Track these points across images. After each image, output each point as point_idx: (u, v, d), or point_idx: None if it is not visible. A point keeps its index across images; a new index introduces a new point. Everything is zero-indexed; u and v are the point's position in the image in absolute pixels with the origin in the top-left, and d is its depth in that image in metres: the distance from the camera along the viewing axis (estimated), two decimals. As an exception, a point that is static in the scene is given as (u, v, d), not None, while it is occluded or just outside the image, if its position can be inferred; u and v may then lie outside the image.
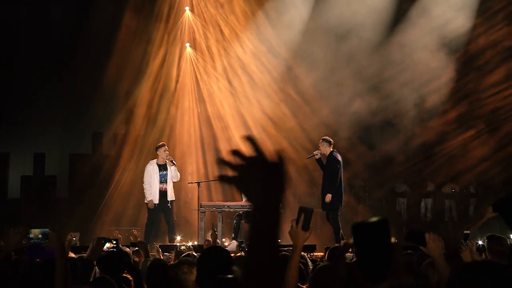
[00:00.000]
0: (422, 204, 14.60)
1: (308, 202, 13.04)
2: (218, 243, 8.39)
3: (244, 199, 11.19)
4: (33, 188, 15.57)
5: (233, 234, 11.40)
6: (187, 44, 15.13)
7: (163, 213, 11.65)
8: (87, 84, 15.40)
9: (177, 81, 15.34)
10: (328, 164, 10.59)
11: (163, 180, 11.51)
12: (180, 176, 11.89)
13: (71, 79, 15.20)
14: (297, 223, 3.69)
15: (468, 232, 5.55)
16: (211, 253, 4.19)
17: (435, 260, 4.01)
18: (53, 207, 14.81)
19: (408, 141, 14.50)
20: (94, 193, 14.57)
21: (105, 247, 5.47)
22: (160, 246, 8.39)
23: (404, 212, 14.31)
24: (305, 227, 3.67)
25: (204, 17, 15.02)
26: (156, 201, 11.40)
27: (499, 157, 13.55)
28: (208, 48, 15.16)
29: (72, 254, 6.47)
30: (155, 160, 11.58)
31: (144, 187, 11.50)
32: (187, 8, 14.91)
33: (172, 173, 11.52)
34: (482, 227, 5.95)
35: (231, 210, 11.87)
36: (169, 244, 11.15)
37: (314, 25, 14.38)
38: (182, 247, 9.08)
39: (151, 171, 11.53)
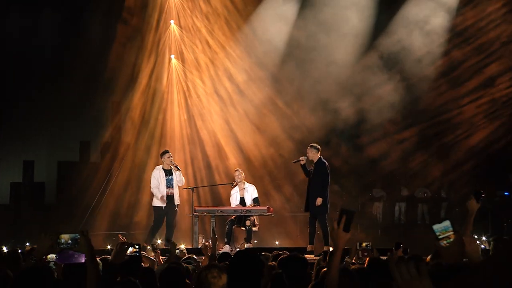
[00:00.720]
0: (396, 208, 15.03)
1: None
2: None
3: (234, 204, 11.84)
4: (23, 194, 15.78)
5: (225, 238, 11.59)
6: (172, 56, 15.42)
7: (166, 217, 11.83)
8: (75, 95, 15.64)
9: (165, 91, 15.56)
10: (318, 170, 10.86)
11: (169, 185, 11.73)
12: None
13: (59, 90, 15.56)
14: (338, 224, 3.75)
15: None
16: (243, 257, 4.24)
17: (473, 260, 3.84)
18: (41, 212, 14.94)
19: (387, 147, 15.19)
20: (82, 200, 14.82)
21: (128, 252, 5.47)
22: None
23: (380, 215, 14.78)
24: (346, 229, 3.73)
25: (189, 29, 15.33)
26: (164, 204, 11.65)
27: (466, 168, 14.17)
28: (195, 59, 15.44)
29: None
30: (161, 166, 11.81)
31: (152, 191, 11.74)
32: (172, 21, 15.24)
33: (177, 177, 11.74)
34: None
35: (224, 214, 12.06)
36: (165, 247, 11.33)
37: (297, 36, 14.85)
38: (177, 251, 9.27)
39: (158, 176, 11.76)
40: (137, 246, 6.23)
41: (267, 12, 15.13)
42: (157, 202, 11.65)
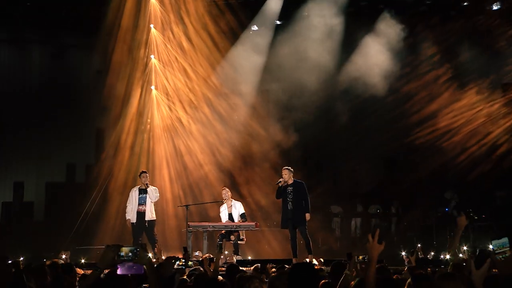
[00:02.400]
0: (353, 222, 16.07)
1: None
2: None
3: (224, 220, 12.18)
4: (13, 213, 16.33)
5: (217, 250, 11.68)
6: (152, 87, 15.90)
7: (145, 232, 12.22)
8: (61, 122, 16.38)
9: (147, 120, 16.06)
10: (298, 189, 11.27)
11: (141, 202, 12.20)
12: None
13: (47, 118, 16.36)
14: (373, 237, 3.95)
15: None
16: (301, 269, 4.36)
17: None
18: (31, 230, 15.34)
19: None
20: (68, 218, 15.29)
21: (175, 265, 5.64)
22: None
23: (338, 229, 15.79)
24: (380, 241, 3.93)
25: (170, 63, 15.76)
26: (134, 220, 12.11)
27: (413, 188, 15.28)
28: (175, 90, 15.87)
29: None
30: (138, 186, 12.38)
31: (126, 209, 12.39)
32: (152, 56, 15.74)
33: (150, 194, 12.17)
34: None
35: (216, 229, 12.36)
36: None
37: (271, 67, 15.72)
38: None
39: (132, 195, 12.33)
40: (183, 260, 6.55)
41: (242, 46, 15.91)
42: (130, 218, 12.24)
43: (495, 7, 14.62)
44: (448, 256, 10.76)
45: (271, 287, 4.79)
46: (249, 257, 12.19)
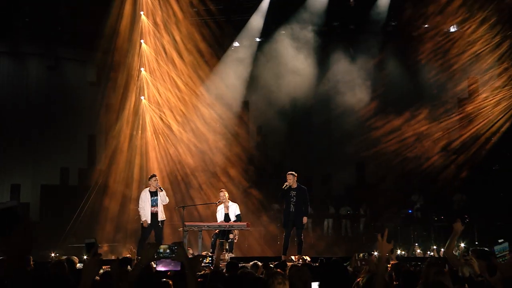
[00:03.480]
0: (325, 223, 16.73)
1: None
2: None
3: (219, 220, 12.31)
4: None
5: (211, 249, 11.96)
6: (142, 97, 16.28)
7: (154, 231, 12.26)
8: (56, 129, 16.95)
9: (139, 125, 16.34)
10: (300, 194, 11.55)
11: (154, 204, 12.24)
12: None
13: (43, 125, 17.01)
14: (382, 237, 4.02)
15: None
16: (331, 267, 4.59)
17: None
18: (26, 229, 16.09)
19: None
20: (61, 218, 15.76)
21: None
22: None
23: (311, 229, 16.21)
24: (388, 240, 4.02)
25: (161, 76, 16.21)
26: (149, 221, 12.11)
27: (380, 191, 16.01)
28: (166, 101, 16.25)
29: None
30: (148, 188, 12.41)
31: (139, 210, 12.33)
32: (142, 69, 16.13)
33: (162, 197, 12.26)
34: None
35: (210, 229, 12.51)
36: None
37: (252, 79, 16.59)
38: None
39: (144, 198, 12.31)
40: (210, 258, 6.76)
41: (229, 59, 16.70)
42: (146, 219, 12.22)
43: (452, 29, 15.50)
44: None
45: (264, 284, 4.72)
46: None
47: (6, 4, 15.95)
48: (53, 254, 11.95)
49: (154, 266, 5.84)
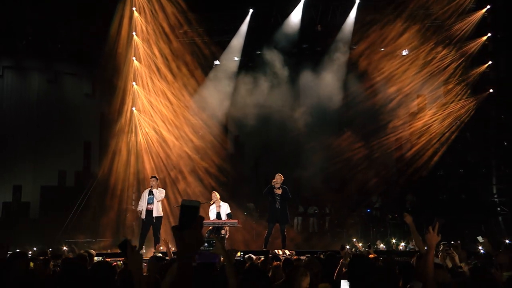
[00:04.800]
0: (295, 220, 17.70)
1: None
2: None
3: (212, 218, 12.70)
4: (12, 211, 17.23)
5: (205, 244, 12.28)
6: (133, 109, 17.03)
7: (152, 227, 12.79)
8: (55, 135, 17.73)
9: (131, 132, 17.03)
10: (284, 193, 12.33)
11: (150, 202, 12.82)
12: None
13: (42, 131, 17.86)
14: (433, 229, 4.09)
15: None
16: (359, 260, 4.54)
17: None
18: (27, 226, 16.29)
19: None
20: (59, 216, 16.21)
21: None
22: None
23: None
24: (438, 232, 4.10)
25: (154, 91, 17.06)
26: (143, 217, 12.76)
27: (344, 193, 17.38)
28: (157, 110, 17.07)
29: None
30: (148, 188, 13.03)
31: (138, 207, 13.11)
32: (134, 83, 16.91)
33: (156, 194, 12.79)
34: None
35: (204, 226, 12.50)
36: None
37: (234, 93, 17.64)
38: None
39: (143, 196, 13.05)
40: (241, 252, 6.84)
41: (211, 75, 17.84)
42: (141, 215, 12.99)
43: (404, 53, 17.01)
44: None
45: (287, 276, 4.74)
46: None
47: (11, 24, 17.02)
48: (65, 248, 12.57)
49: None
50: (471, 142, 16.86)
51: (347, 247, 7.44)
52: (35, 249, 13.05)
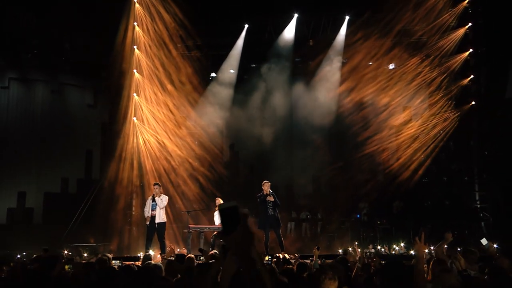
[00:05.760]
0: (288, 226, 18.18)
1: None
2: None
3: (217, 223, 13.14)
4: (16, 217, 17.59)
5: (210, 248, 12.74)
6: (134, 118, 17.27)
7: (156, 232, 13.14)
8: (58, 144, 18.14)
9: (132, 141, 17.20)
10: (276, 199, 12.77)
11: (153, 208, 13.23)
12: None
13: (46, 140, 18.20)
14: (419, 239, 4.11)
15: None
16: (393, 266, 4.44)
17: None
18: (30, 231, 16.47)
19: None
20: (62, 221, 16.44)
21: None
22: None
23: None
24: (424, 242, 4.14)
25: (154, 101, 17.35)
26: (148, 222, 13.16)
27: (333, 199, 17.83)
28: (156, 120, 17.33)
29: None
30: (152, 195, 13.42)
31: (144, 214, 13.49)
32: (134, 94, 17.21)
33: (158, 202, 13.15)
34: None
35: (211, 231, 13.36)
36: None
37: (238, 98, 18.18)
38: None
39: (147, 203, 13.44)
40: (269, 257, 6.72)
41: (210, 86, 18.42)
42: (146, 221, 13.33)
43: (390, 67, 17.71)
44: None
45: (314, 279, 4.71)
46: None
47: (18, 38, 17.53)
48: (66, 252, 13.00)
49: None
50: (454, 152, 17.56)
51: (350, 250, 7.64)
52: (41, 253, 12.96)
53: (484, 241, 6.44)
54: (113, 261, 8.31)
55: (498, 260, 6.11)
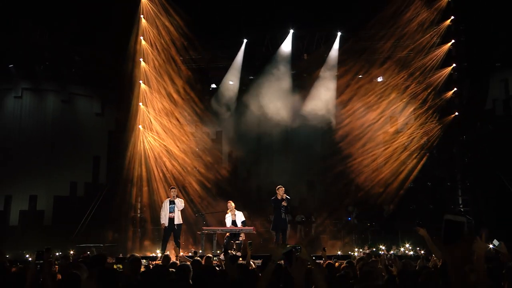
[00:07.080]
0: None
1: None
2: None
3: (228, 225, 13.29)
4: (28, 219, 18.06)
5: (223, 249, 12.90)
6: (140, 126, 17.82)
7: (172, 233, 13.35)
8: (66, 151, 18.71)
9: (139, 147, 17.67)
10: (287, 203, 13.23)
11: (171, 210, 13.39)
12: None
13: (54, 148, 18.74)
14: (481, 238, 3.90)
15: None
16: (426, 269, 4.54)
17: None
18: (41, 232, 16.94)
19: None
20: (70, 223, 17.03)
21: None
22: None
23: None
24: (486, 241, 3.97)
25: (158, 110, 17.93)
26: (167, 224, 13.27)
27: (326, 202, 18.59)
28: (161, 127, 17.82)
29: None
30: (169, 198, 13.62)
31: (160, 216, 13.63)
32: (140, 104, 17.73)
33: (177, 204, 13.36)
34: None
35: (223, 232, 13.55)
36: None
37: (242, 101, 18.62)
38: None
39: (164, 206, 13.57)
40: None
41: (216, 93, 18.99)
42: (164, 223, 13.46)
43: (379, 79, 18.40)
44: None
45: (361, 269, 4.80)
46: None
47: (31, 51, 18.20)
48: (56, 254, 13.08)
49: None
50: (438, 159, 18.28)
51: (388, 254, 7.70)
52: (57, 254, 13.64)
53: (495, 242, 6.89)
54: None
55: (504, 258, 6.16)
